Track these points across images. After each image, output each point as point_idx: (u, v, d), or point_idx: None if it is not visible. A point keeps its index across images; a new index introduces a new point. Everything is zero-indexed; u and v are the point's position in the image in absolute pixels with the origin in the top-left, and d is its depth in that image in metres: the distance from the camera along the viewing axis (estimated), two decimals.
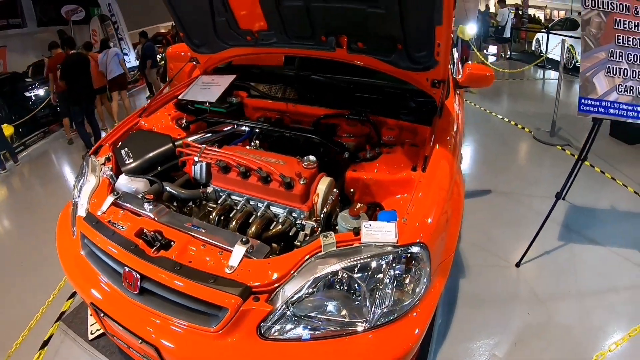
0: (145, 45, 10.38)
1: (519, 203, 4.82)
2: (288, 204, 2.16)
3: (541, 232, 3.74)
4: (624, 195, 5.06)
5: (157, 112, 3.06)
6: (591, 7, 3.24)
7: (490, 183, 5.33)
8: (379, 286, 1.76)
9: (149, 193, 2.26)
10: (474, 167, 6.07)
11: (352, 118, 2.72)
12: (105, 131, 8.24)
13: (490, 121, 8.03)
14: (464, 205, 2.52)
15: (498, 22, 14.93)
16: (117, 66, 8.75)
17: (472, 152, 6.67)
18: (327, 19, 2.54)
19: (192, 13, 2.94)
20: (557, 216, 4.37)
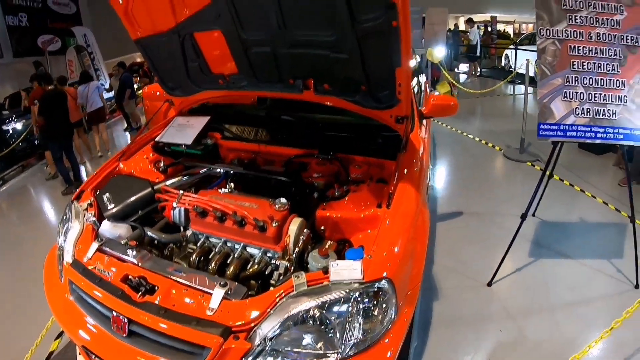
0: (123, 76, 10.48)
1: (489, 223, 4.96)
2: (262, 245, 2.30)
3: (512, 250, 3.88)
4: (593, 206, 5.27)
5: (136, 155, 3.18)
6: (546, 36, 3.44)
7: (461, 204, 5.47)
8: (349, 319, 1.89)
9: (131, 239, 2.38)
10: (445, 189, 6.20)
11: (320, 157, 2.87)
12: (84, 165, 8.31)
13: (461, 141, 8.21)
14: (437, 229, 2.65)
15: (470, 40, 15.15)
16: (98, 99, 8.87)
17: (444, 174, 6.83)
18: (294, 63, 2.73)
19: (165, 58, 3.09)
20: (528, 233, 4.55)
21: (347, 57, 2.45)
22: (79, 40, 14.65)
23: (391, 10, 2.07)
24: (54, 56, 15.32)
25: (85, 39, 14.65)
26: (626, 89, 3.49)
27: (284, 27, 2.48)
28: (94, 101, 8.79)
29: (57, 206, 6.76)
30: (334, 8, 2.22)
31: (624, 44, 3.47)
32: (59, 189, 7.23)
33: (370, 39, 2.30)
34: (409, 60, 2.34)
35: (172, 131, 3.26)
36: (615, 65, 3.47)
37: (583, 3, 3.42)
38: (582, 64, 3.43)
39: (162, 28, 2.85)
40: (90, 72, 12.26)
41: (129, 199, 2.74)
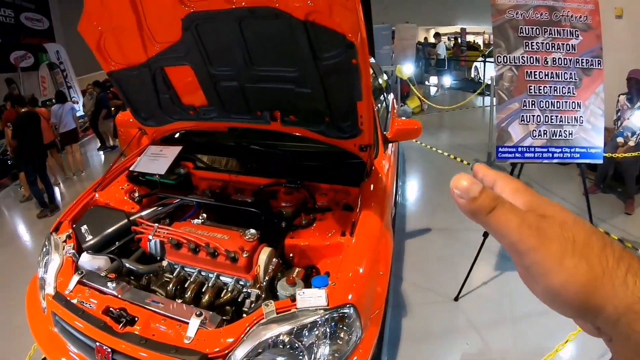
0: (100, 96, 10.47)
1: (456, 239, 5.08)
2: (235, 275, 2.44)
3: (479, 264, 4.01)
4: None
5: (111, 186, 3.27)
6: (503, 63, 3.61)
7: (429, 221, 5.61)
8: (316, 342, 2.03)
9: (110, 271, 2.48)
10: (414, 206, 6.34)
11: (288, 186, 3.01)
12: (58, 186, 8.29)
13: (431, 157, 8.35)
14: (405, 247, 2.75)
15: (438, 54, 15.33)
16: (72, 120, 8.90)
17: (413, 191, 6.98)
18: (261, 97, 2.88)
19: (138, 90, 3.20)
20: (494, 246, 4.66)
21: (310, 91, 2.62)
22: (51, 57, 14.51)
23: (350, 50, 2.22)
24: (27, 72, 15.02)
25: (57, 55, 14.49)
26: (582, 110, 3.66)
27: (250, 64, 2.64)
28: (67, 122, 8.83)
29: (32, 230, 6.72)
30: (297, 46, 2.38)
31: (579, 67, 3.64)
32: (33, 211, 7.19)
33: (331, 75, 2.46)
34: (371, 94, 2.50)
35: (146, 160, 3.36)
36: (570, 88, 3.64)
37: (539, 29, 3.58)
38: (539, 88, 3.59)
39: (134, 62, 2.95)
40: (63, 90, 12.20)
41: (106, 230, 2.85)
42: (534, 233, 0.47)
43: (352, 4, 2.05)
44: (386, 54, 12.35)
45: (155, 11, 2.59)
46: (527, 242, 0.47)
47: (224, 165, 3.55)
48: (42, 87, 13.69)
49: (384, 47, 12.33)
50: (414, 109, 12.04)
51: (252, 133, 3.40)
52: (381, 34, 12.19)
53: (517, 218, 0.48)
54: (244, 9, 2.33)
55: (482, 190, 0.50)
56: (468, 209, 0.51)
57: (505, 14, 3.55)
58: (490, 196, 0.50)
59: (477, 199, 0.50)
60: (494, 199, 0.50)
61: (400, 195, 6.50)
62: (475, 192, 0.50)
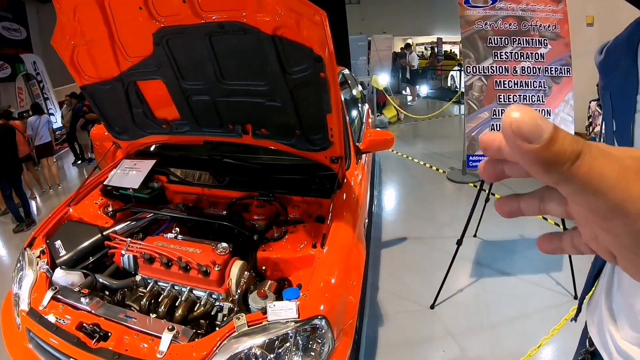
0: (76, 108, 10.39)
1: (432, 247, 5.11)
2: (207, 288, 2.44)
3: (454, 271, 4.03)
4: (533, 222, 5.49)
5: (85, 200, 3.26)
6: (473, 73, 3.66)
7: (405, 230, 5.63)
8: (288, 354, 2.05)
9: (84, 287, 2.48)
10: (390, 215, 6.35)
11: (260, 200, 3.04)
12: (34, 200, 8.20)
13: (407, 166, 8.41)
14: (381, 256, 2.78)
15: (412, 65, 15.41)
16: (47, 133, 8.82)
17: (389, 200, 7.00)
18: (232, 110, 2.91)
19: (111, 104, 3.20)
20: (469, 253, 4.75)
21: (280, 104, 2.66)
22: (28, 68, 14.36)
23: (318, 63, 2.27)
24: (3, 83, 14.84)
25: (34, 66, 14.36)
26: (552, 117, 3.72)
27: (221, 78, 2.67)
28: (43, 135, 8.75)
29: (8, 245, 6.63)
30: (266, 60, 2.42)
31: (548, 75, 3.70)
32: (9, 226, 7.10)
33: (300, 88, 2.51)
34: (340, 107, 2.53)
35: (120, 174, 3.36)
36: (540, 96, 3.71)
37: (508, 39, 3.65)
38: (508, 96, 3.65)
39: (107, 76, 2.96)
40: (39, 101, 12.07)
41: (80, 245, 2.83)
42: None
43: (319, 18, 2.10)
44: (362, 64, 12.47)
45: (127, 26, 2.61)
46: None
47: (198, 179, 3.55)
48: (19, 99, 13.57)
49: (361, 57, 12.46)
50: (391, 118, 12.16)
51: (227, 146, 3.41)
52: (357, 45, 12.33)
53: (616, 164, 0.36)
54: (213, 24, 2.36)
55: (555, 128, 0.35)
56: (542, 158, 0.36)
57: (474, 25, 3.61)
58: (571, 137, 0.36)
59: (556, 141, 0.35)
60: (576, 140, 0.36)
61: (376, 204, 6.54)
62: (549, 132, 0.35)
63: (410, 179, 7.78)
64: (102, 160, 3.77)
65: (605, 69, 1.13)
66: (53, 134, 9.40)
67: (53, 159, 9.20)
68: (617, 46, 1.08)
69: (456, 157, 8.03)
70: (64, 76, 14.44)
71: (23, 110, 12.65)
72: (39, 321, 2.34)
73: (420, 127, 11.95)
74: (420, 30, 25.27)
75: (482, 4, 3.62)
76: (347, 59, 11.44)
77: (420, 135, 11.07)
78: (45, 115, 9.42)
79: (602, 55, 1.14)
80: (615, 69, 1.09)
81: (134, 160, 3.47)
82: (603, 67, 1.13)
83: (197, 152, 3.68)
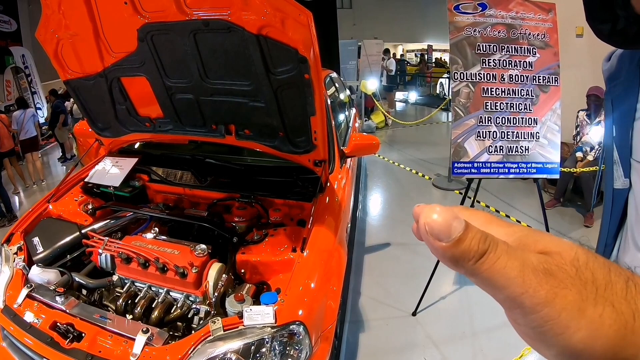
0: (55, 104, 10.24)
1: (416, 253, 5.05)
2: (184, 290, 2.40)
3: (437, 279, 3.99)
4: None
5: (65, 197, 3.21)
6: (460, 79, 3.64)
7: (389, 236, 5.60)
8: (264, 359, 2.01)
9: (59, 285, 2.44)
10: (375, 221, 6.32)
11: (242, 201, 3.01)
12: (17, 195, 8.10)
13: (393, 172, 8.39)
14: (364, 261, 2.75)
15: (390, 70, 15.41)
16: (33, 127, 8.71)
17: (374, 206, 6.96)
18: (216, 110, 2.87)
19: (94, 100, 3.16)
20: None
21: (264, 105, 2.63)
22: (17, 61, 14.18)
23: (303, 64, 2.25)
24: None
25: (23, 59, 14.20)
26: (538, 126, 3.71)
27: (205, 77, 2.64)
28: (28, 129, 8.63)
29: None
30: (251, 60, 2.39)
31: (536, 84, 3.69)
32: None
33: (284, 89, 2.48)
34: (324, 110, 2.51)
35: (101, 172, 3.31)
36: (527, 104, 3.69)
37: (497, 47, 3.63)
38: (495, 104, 3.62)
39: (90, 71, 2.93)
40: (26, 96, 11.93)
41: (58, 243, 2.79)
42: (543, 280, 0.36)
43: (305, 18, 2.08)
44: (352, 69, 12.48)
45: (112, 20, 2.58)
46: (536, 295, 0.36)
47: (179, 179, 3.53)
48: (6, 92, 13.41)
49: (350, 62, 12.49)
50: (378, 123, 12.19)
51: (211, 146, 3.38)
52: (347, 49, 12.38)
53: (518, 262, 0.37)
54: (198, 22, 2.33)
55: (466, 227, 0.38)
56: (449, 255, 0.38)
57: (463, 31, 3.58)
58: (479, 236, 0.38)
59: (462, 241, 0.37)
60: (484, 239, 0.38)
61: (361, 209, 6.52)
62: (458, 231, 0.37)
63: (396, 185, 7.76)
64: (84, 156, 3.70)
65: (610, 77, 1.20)
66: (39, 129, 9.27)
67: (38, 154, 9.06)
68: (621, 55, 1.15)
69: (442, 164, 8.03)
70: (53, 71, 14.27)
71: (10, 104, 12.47)
72: (13, 319, 2.31)
73: (408, 133, 11.97)
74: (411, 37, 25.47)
75: (472, 11, 3.60)
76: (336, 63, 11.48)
77: (407, 141, 11.03)
78: (31, 109, 9.28)
79: (608, 63, 1.20)
80: (617, 77, 1.16)
81: (116, 158, 3.43)
82: (608, 74, 1.20)
83: (180, 151, 3.65)
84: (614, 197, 1.26)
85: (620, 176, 1.21)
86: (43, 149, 10.93)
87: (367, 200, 7.06)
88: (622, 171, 1.19)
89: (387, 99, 14.67)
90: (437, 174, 7.82)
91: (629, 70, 1.11)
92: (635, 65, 1.09)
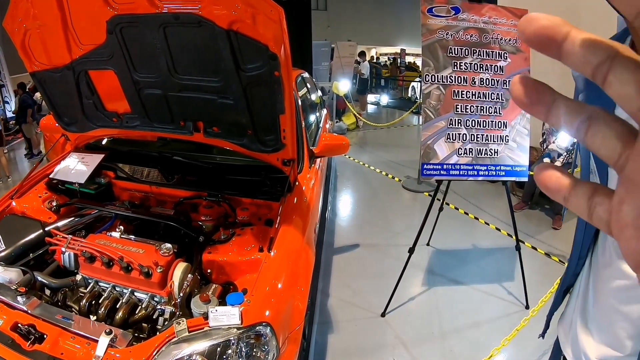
0: (22, 97, 9.95)
1: (385, 255, 5.09)
2: (149, 291, 2.34)
3: (406, 280, 4.03)
4: (486, 232, 5.61)
5: (29, 193, 3.12)
6: (431, 81, 3.66)
7: (358, 237, 5.60)
8: None
9: (21, 285, 2.35)
10: (344, 222, 6.30)
11: (209, 200, 2.97)
12: None
13: (363, 173, 8.43)
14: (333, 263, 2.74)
15: (362, 74, 15.42)
16: None
17: (344, 207, 6.96)
18: (184, 106, 2.83)
19: (61, 93, 3.09)
20: (422, 262, 4.76)
21: (233, 102, 2.61)
22: None
23: (273, 61, 2.24)
24: None
25: None
26: (507, 130, 3.75)
27: (174, 72, 2.60)
28: None
29: None
30: (220, 56, 2.37)
31: (506, 88, 3.73)
32: None
33: (254, 86, 2.46)
34: (293, 108, 2.50)
35: (67, 168, 3.24)
36: (497, 108, 3.73)
37: (468, 50, 3.66)
38: (465, 107, 3.65)
39: (58, 63, 2.87)
40: None
41: (20, 241, 2.71)
42: None
43: (277, 15, 2.06)
44: (324, 70, 12.50)
45: (81, 11, 2.52)
46: None
47: (146, 176, 3.46)
48: None
49: (323, 63, 12.49)
50: (350, 125, 12.24)
51: (180, 144, 3.34)
52: (320, 50, 12.37)
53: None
54: (168, 15, 2.30)
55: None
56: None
57: (436, 34, 3.60)
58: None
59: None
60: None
61: (331, 210, 6.52)
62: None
63: (366, 186, 7.79)
64: (49, 151, 3.62)
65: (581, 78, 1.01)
66: (4, 123, 9.00)
67: (4, 149, 8.84)
68: None
69: (412, 166, 8.09)
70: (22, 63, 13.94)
71: None
72: None
73: (379, 135, 12.05)
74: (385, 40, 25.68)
75: (445, 14, 3.62)
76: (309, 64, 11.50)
77: (378, 143, 11.10)
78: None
79: None
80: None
81: (82, 154, 3.35)
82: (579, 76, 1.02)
83: (148, 148, 3.59)
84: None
85: None
86: (9, 144, 10.69)
87: (337, 201, 7.06)
88: (600, 181, 1.06)
89: (360, 102, 14.71)
90: (407, 176, 7.88)
91: None
92: None
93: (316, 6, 22.25)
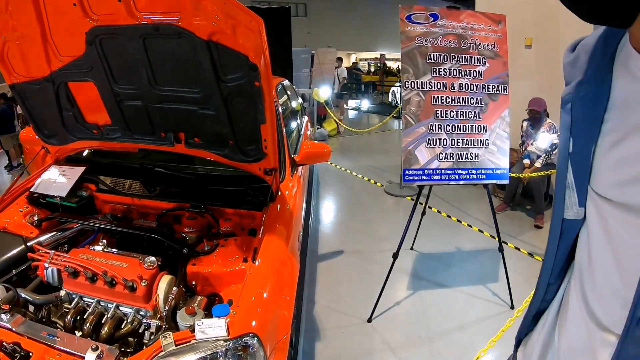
0: (2, 108, 9.76)
1: (369, 260, 5.09)
2: (134, 305, 2.32)
3: (391, 285, 4.04)
4: (470, 235, 5.66)
5: (10, 207, 3.08)
6: (411, 88, 3.68)
7: (342, 244, 5.59)
8: None
9: (4, 302, 2.31)
10: (327, 229, 6.28)
11: (192, 211, 2.96)
12: None
13: (345, 179, 8.44)
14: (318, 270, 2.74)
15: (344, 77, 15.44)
16: None
17: (327, 214, 6.96)
18: (165, 117, 2.83)
19: (41, 106, 3.07)
20: (406, 266, 4.78)
21: (214, 113, 2.61)
22: None
23: (253, 72, 2.25)
24: None
25: None
26: (487, 133, 3.79)
27: (154, 83, 2.60)
28: None
29: None
30: (201, 67, 2.37)
31: (485, 92, 3.77)
32: None
33: (234, 97, 2.47)
34: (274, 118, 2.51)
35: (47, 181, 3.20)
36: (477, 112, 3.77)
37: (447, 56, 3.69)
38: (445, 112, 3.69)
39: (37, 75, 2.85)
40: None
41: (2, 257, 2.66)
42: None
43: (256, 25, 2.07)
44: (305, 77, 12.52)
45: (60, 23, 2.52)
46: None
47: (128, 188, 3.43)
48: None
49: (303, 70, 12.51)
50: (331, 131, 12.27)
51: (162, 155, 3.32)
52: (300, 57, 12.37)
53: None
54: (148, 26, 2.31)
55: None
56: None
57: (415, 40, 3.63)
58: None
59: None
60: None
61: (314, 218, 6.51)
62: None
63: (348, 192, 7.79)
64: (30, 164, 3.58)
65: (571, 73, 0.94)
66: None
67: None
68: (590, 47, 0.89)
69: (394, 171, 8.10)
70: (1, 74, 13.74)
71: None
72: None
73: (360, 140, 12.08)
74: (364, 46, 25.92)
75: (423, 21, 3.66)
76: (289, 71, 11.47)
77: (359, 149, 11.13)
78: None
79: (572, 54, 0.96)
80: (582, 74, 0.90)
81: (63, 167, 3.32)
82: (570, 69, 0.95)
83: (130, 160, 3.56)
84: (563, 229, 1.04)
85: (574, 204, 0.97)
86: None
87: (320, 208, 7.06)
88: (577, 198, 0.96)
89: (338, 106, 14.75)
90: (389, 181, 7.90)
91: (598, 66, 0.86)
92: (608, 60, 0.84)
93: (296, 13, 22.36)
